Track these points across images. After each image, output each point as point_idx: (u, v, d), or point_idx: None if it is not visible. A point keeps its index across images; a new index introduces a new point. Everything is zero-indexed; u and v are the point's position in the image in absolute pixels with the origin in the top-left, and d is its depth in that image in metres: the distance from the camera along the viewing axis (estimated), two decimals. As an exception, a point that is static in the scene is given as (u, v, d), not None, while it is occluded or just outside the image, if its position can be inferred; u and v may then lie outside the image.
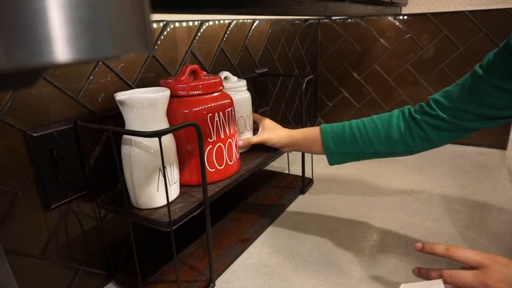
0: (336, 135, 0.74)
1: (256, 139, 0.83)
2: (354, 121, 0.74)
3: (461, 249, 0.55)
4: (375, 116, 0.73)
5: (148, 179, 0.59)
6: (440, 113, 0.65)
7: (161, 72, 0.78)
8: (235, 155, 0.75)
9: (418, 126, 0.67)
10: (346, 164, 0.77)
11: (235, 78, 0.85)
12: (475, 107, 0.61)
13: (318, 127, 0.77)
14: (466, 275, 0.52)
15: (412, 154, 0.71)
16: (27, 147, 0.56)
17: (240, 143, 0.81)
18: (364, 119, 0.73)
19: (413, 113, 0.69)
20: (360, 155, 0.74)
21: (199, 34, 0.87)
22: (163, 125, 0.60)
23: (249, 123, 0.86)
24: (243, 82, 0.84)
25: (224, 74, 0.82)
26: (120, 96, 0.56)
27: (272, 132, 0.84)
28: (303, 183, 1.04)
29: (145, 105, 0.56)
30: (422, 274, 0.59)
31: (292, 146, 0.82)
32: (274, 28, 1.18)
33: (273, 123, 0.87)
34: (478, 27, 1.23)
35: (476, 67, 0.63)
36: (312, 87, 1.54)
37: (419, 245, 0.59)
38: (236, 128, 0.76)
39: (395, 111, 0.71)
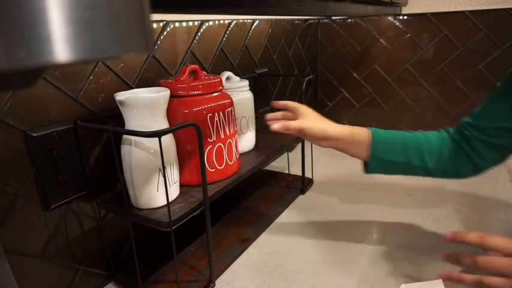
0: (387, 142, 0.69)
1: (295, 125, 0.70)
2: (406, 132, 0.71)
3: (496, 236, 0.53)
4: (425, 132, 0.72)
5: (148, 179, 0.59)
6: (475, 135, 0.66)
7: (161, 72, 0.78)
8: (235, 155, 0.75)
9: (469, 148, 0.67)
10: (346, 163, 0.77)
11: (238, 78, 0.85)
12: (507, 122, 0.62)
13: (366, 129, 0.71)
14: (503, 261, 0.50)
15: (460, 178, 0.71)
16: (27, 147, 0.56)
17: (275, 126, 0.69)
18: (415, 132, 0.72)
19: (461, 135, 0.69)
20: (406, 167, 0.70)
21: (199, 34, 0.87)
22: (163, 125, 0.60)
23: (252, 124, 0.86)
24: (246, 82, 0.84)
25: (226, 74, 0.82)
26: (120, 96, 0.56)
27: (314, 121, 0.72)
28: (303, 183, 1.04)
29: (145, 105, 0.56)
30: (453, 259, 0.56)
31: (333, 142, 0.71)
32: (274, 28, 1.18)
33: (314, 111, 0.75)
34: (478, 27, 1.23)
35: (502, 83, 0.63)
36: (312, 87, 1.54)
37: (448, 234, 0.56)
38: (236, 128, 0.76)
39: (442, 132, 0.72)
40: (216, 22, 0.93)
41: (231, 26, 0.98)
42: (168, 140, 0.61)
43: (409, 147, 0.69)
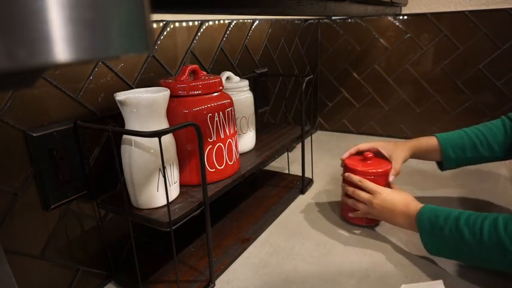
0: (455, 144, 0.82)
1: (399, 165, 0.84)
2: (467, 129, 0.84)
3: (368, 182, 0.78)
4: (487, 123, 0.83)
5: (148, 179, 0.59)
6: None
7: (161, 72, 0.78)
8: (235, 155, 0.75)
9: None
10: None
11: (238, 78, 0.85)
12: None
13: (433, 137, 0.86)
14: (363, 194, 0.78)
15: None
16: (27, 147, 0.56)
17: (392, 178, 0.82)
18: (477, 126, 0.84)
19: None
20: (477, 160, 0.83)
21: (199, 34, 0.87)
22: (163, 125, 0.60)
23: (252, 124, 0.86)
24: (245, 82, 0.84)
25: (226, 74, 0.82)
26: (120, 96, 0.56)
27: (402, 152, 0.86)
28: (303, 183, 1.04)
29: (145, 105, 0.56)
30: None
31: (412, 157, 0.88)
32: (274, 28, 1.18)
33: (389, 144, 0.88)
34: (478, 27, 1.23)
35: None
36: (312, 87, 1.54)
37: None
38: (236, 128, 0.76)
39: (503, 119, 0.82)
40: (216, 22, 0.93)
41: (231, 26, 0.98)
42: (168, 140, 0.61)
43: (477, 143, 0.81)
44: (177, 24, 0.80)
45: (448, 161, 0.85)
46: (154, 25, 0.75)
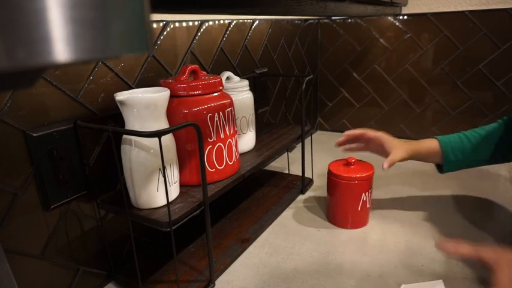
0: (456, 147, 0.82)
1: (397, 159, 0.81)
2: (466, 132, 0.84)
3: (484, 248, 0.61)
4: (486, 126, 0.83)
5: (148, 179, 0.59)
6: None
7: (161, 72, 0.78)
8: (235, 155, 0.75)
9: None
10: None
11: (238, 78, 0.85)
12: None
13: (434, 139, 0.84)
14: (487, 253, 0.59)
15: None
16: (27, 147, 0.56)
17: (386, 165, 0.79)
18: (475, 129, 0.84)
19: None
20: (476, 163, 0.83)
21: (199, 34, 0.87)
22: (163, 125, 0.60)
23: (252, 124, 0.86)
24: (245, 82, 0.84)
25: (226, 74, 0.82)
26: (120, 96, 0.56)
27: (402, 150, 0.83)
28: (303, 183, 1.04)
29: (145, 105, 0.56)
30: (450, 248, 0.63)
31: (411, 158, 0.85)
32: (274, 28, 1.18)
33: (394, 139, 0.85)
34: (478, 27, 1.23)
35: None
36: (312, 87, 1.54)
37: (442, 244, 0.63)
38: (236, 128, 0.76)
39: (499, 122, 0.82)
40: (216, 22, 0.93)
41: (231, 26, 0.98)
42: (168, 140, 0.61)
43: (477, 146, 0.81)
44: (177, 24, 0.80)
45: (448, 164, 0.84)
46: (154, 25, 0.75)
